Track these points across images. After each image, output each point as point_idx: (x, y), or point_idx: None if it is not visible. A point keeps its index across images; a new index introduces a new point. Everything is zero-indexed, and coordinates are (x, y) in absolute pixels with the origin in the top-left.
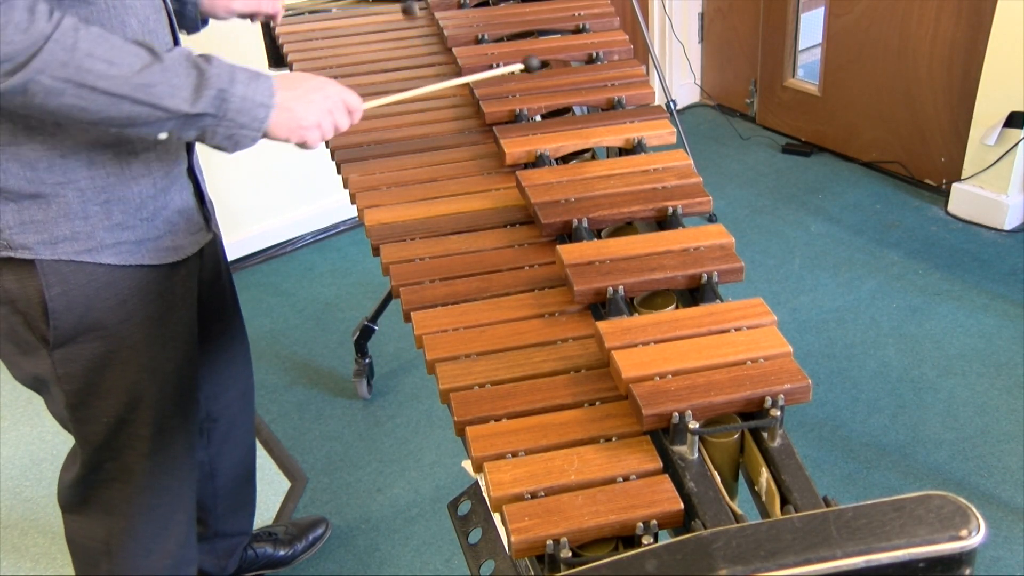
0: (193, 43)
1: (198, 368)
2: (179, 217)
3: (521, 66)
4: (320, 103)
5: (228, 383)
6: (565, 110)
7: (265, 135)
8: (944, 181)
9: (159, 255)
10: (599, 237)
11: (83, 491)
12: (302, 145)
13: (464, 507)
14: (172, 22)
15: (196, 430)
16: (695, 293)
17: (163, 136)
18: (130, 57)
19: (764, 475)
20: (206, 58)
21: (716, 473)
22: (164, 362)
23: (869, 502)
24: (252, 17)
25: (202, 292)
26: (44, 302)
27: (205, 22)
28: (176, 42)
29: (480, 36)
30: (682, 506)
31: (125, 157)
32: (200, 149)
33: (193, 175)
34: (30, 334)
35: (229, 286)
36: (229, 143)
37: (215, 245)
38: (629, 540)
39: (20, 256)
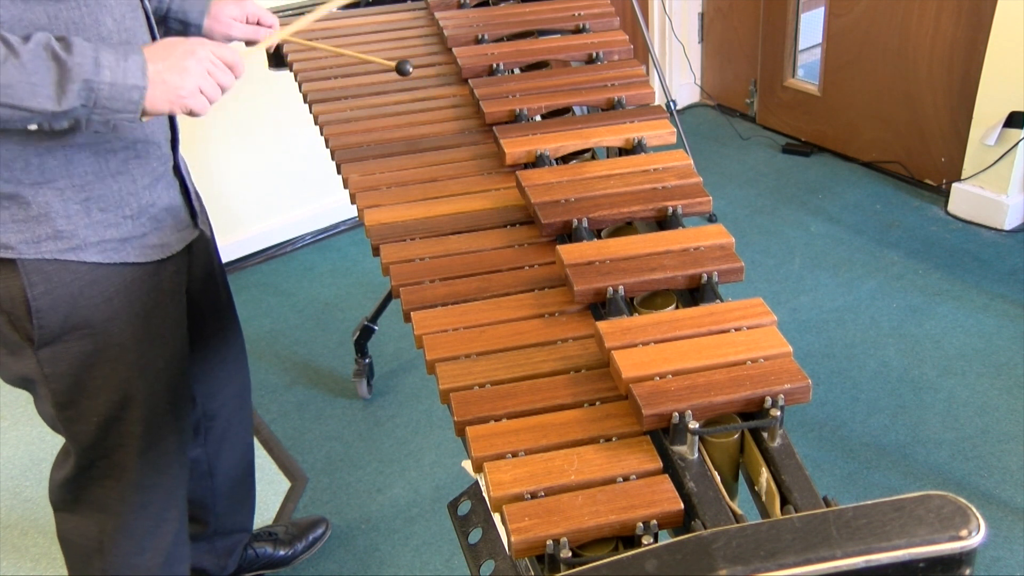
0: None
1: (188, 365)
2: (166, 214)
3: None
4: (195, 67)
5: (224, 381)
6: (565, 110)
7: (144, 113)
8: (944, 181)
9: (145, 252)
10: (599, 237)
11: (75, 489)
12: (189, 113)
13: (464, 507)
14: (150, 21)
15: (188, 427)
16: (695, 293)
17: (32, 127)
18: None
19: (764, 475)
20: (66, 45)
21: (716, 473)
22: (153, 359)
23: (869, 502)
24: (248, 43)
25: (195, 290)
26: (27, 301)
27: None
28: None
29: (480, 36)
30: (682, 506)
31: (103, 155)
32: (192, 147)
33: (179, 173)
34: (15, 334)
35: (223, 284)
36: (106, 128)
37: (206, 242)
38: (629, 540)
39: (2, 255)
